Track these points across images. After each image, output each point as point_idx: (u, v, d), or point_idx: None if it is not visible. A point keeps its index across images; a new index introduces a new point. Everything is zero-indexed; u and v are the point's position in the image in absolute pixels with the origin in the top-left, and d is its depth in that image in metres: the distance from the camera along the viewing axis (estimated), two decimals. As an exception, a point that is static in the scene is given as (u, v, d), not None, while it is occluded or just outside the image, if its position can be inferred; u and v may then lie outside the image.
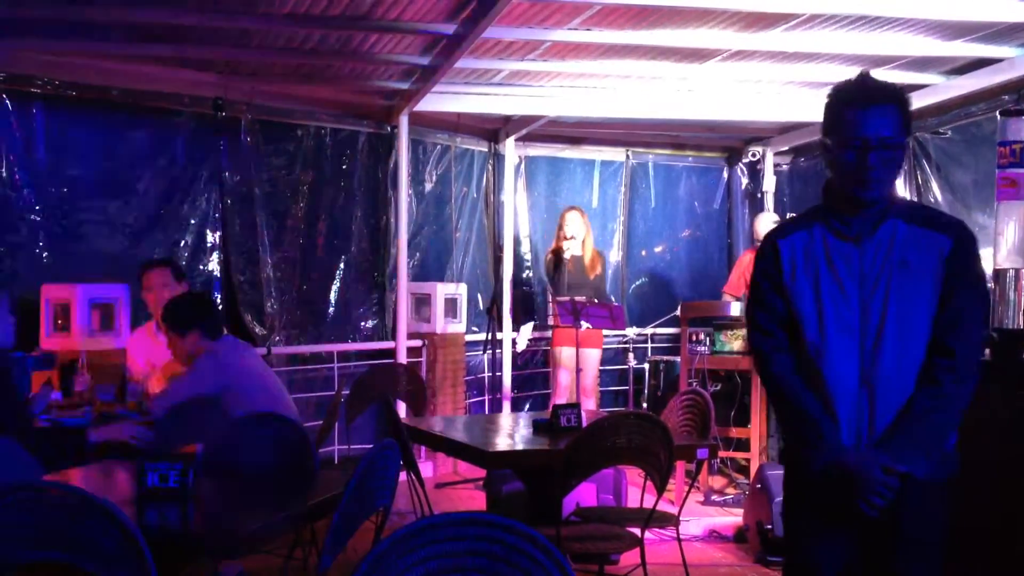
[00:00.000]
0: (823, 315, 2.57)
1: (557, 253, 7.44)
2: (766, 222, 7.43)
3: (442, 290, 7.54)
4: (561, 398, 7.35)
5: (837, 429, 2.56)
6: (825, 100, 2.64)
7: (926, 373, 2.53)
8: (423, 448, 6.87)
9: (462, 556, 2.02)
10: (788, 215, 7.21)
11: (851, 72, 6.35)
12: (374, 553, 1.98)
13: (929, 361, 2.54)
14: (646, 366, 8.09)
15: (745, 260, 7.67)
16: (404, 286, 7.26)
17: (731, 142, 9.24)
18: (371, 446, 3.32)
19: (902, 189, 7.64)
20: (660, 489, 4.09)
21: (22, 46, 5.83)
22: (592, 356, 7.35)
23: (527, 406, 8.60)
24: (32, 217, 6.03)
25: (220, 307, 6.72)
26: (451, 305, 7.63)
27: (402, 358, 7.20)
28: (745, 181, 9.35)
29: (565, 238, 7.40)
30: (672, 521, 4.42)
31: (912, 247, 2.56)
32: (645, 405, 7.86)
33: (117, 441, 4.27)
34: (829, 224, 2.62)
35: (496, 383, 8.13)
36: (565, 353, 7.39)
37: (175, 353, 4.53)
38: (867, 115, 2.53)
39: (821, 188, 2.74)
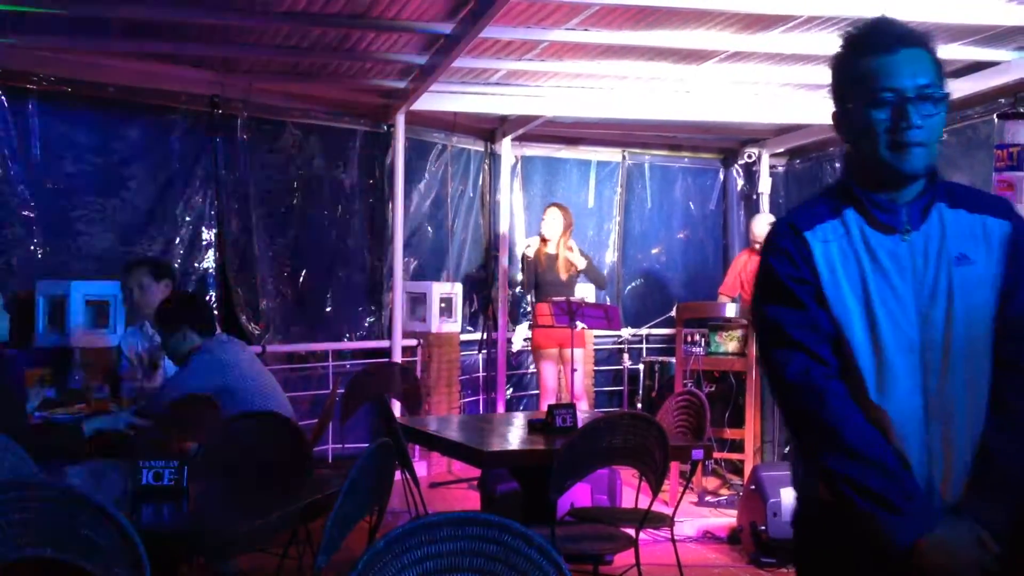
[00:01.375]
0: (877, 332, 1.96)
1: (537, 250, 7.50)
2: (762, 223, 7.43)
3: (437, 289, 7.54)
4: (550, 399, 7.34)
5: (923, 489, 1.94)
6: (836, 53, 2.08)
7: (996, 397, 1.99)
8: (418, 447, 6.86)
9: (458, 556, 2.01)
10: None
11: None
12: (370, 553, 1.98)
13: (999, 380, 1.99)
14: (641, 367, 8.10)
15: (741, 261, 7.68)
16: (400, 285, 7.26)
17: (727, 143, 9.25)
18: (366, 445, 3.32)
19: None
20: (655, 490, 4.09)
21: (18, 42, 5.81)
22: (578, 356, 7.14)
23: (522, 406, 8.60)
24: (27, 214, 6.02)
25: (215, 305, 6.72)
26: (446, 304, 7.63)
27: (397, 357, 7.19)
28: (741, 183, 9.36)
29: (543, 238, 7.45)
30: (666, 522, 4.42)
31: (967, 237, 2.01)
32: (640, 406, 7.86)
33: (112, 432, 4.27)
34: (864, 210, 2.02)
35: (491, 383, 8.13)
36: (547, 355, 7.38)
37: (169, 352, 4.52)
38: (897, 60, 1.99)
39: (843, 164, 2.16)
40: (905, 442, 1.94)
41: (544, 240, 7.46)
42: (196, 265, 6.75)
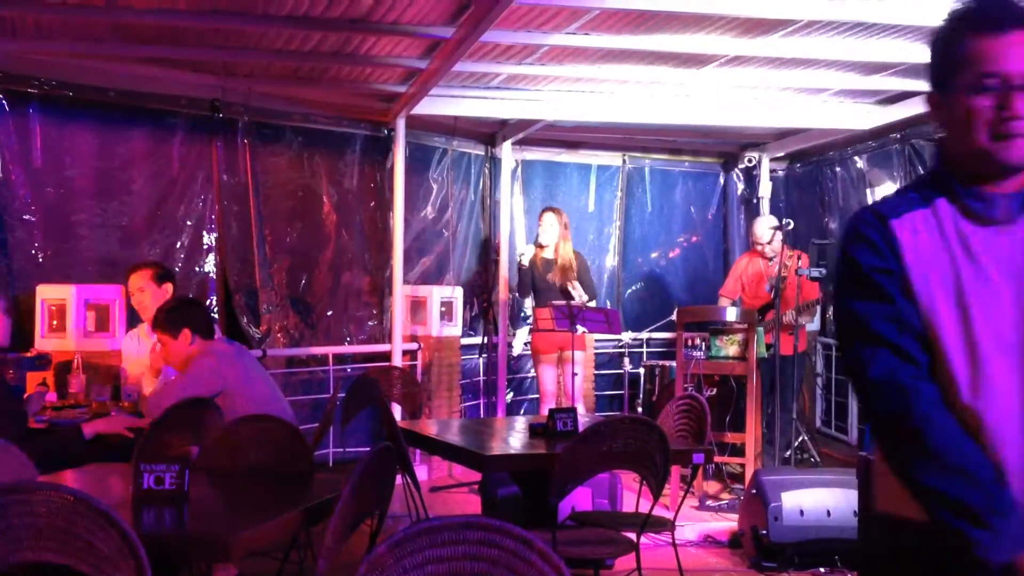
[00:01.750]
0: (972, 330, 1.80)
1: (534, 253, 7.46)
2: (763, 225, 7.43)
3: (438, 293, 7.54)
4: (549, 403, 7.35)
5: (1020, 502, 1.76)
6: (938, 28, 1.90)
7: None
8: (418, 451, 6.86)
9: (460, 560, 2.01)
10: (784, 220, 7.19)
11: (847, 80, 6.44)
12: (371, 557, 1.98)
13: None
14: (642, 371, 8.10)
15: (742, 264, 7.66)
16: (400, 289, 7.26)
17: (728, 147, 9.25)
18: (367, 449, 3.32)
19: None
20: (656, 494, 4.09)
21: (19, 46, 5.82)
22: (579, 358, 7.08)
23: (523, 410, 8.60)
24: (28, 217, 6.02)
25: (216, 309, 6.72)
26: (447, 308, 7.63)
27: (398, 361, 7.19)
28: (741, 187, 9.36)
29: (539, 244, 7.42)
30: (667, 526, 4.41)
31: None
32: (640, 410, 7.86)
33: (112, 433, 4.28)
34: (960, 201, 1.86)
35: (491, 386, 8.13)
36: (547, 359, 7.36)
37: (169, 356, 4.52)
38: (1006, 42, 1.79)
39: (937, 150, 1.98)
40: (1001, 451, 1.78)
41: (540, 247, 7.44)
42: (197, 269, 6.75)
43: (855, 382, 1.89)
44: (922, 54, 5.89)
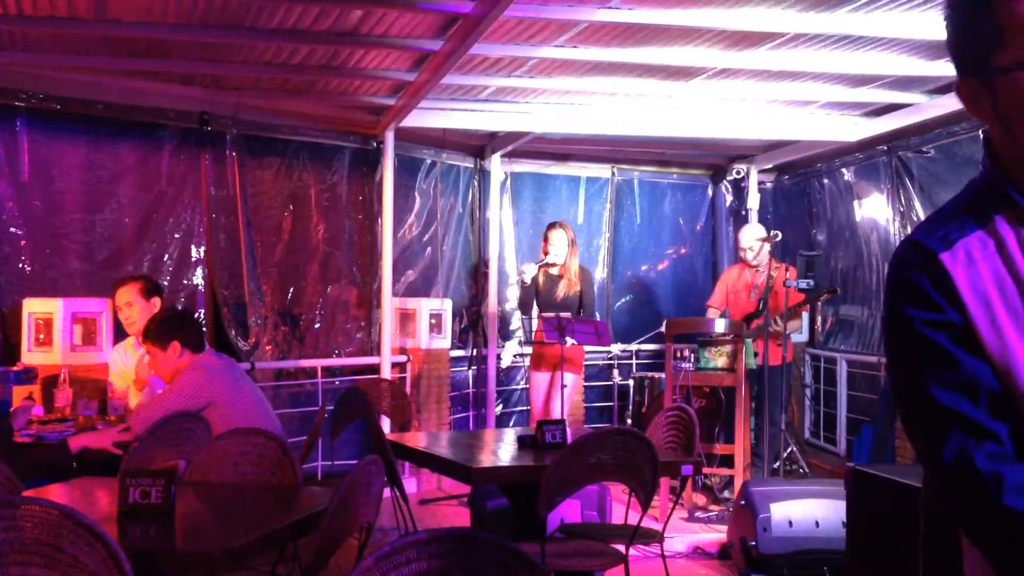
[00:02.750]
0: None
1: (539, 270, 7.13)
2: (749, 234, 7.43)
3: (427, 306, 7.54)
4: (540, 417, 7.30)
5: None
6: None
7: None
8: (407, 464, 6.84)
9: (447, 573, 2.01)
10: (772, 232, 7.20)
11: (834, 92, 6.47)
12: (358, 570, 1.97)
13: None
14: (631, 382, 8.10)
15: (732, 275, 7.65)
16: (389, 301, 7.25)
17: (716, 160, 9.28)
18: (355, 462, 3.32)
19: (884, 208, 7.70)
20: (644, 506, 4.09)
21: (6, 59, 5.81)
22: (570, 380, 6.92)
23: (512, 422, 8.59)
24: (15, 231, 6.00)
25: (204, 322, 6.70)
26: (436, 321, 7.62)
27: (386, 373, 7.18)
28: (730, 199, 9.39)
29: (545, 264, 7.08)
30: (656, 538, 4.41)
31: None
32: (629, 421, 7.86)
33: (98, 448, 4.26)
34: (1021, 214, 1.44)
35: (481, 399, 8.12)
36: (541, 378, 7.10)
37: (157, 368, 4.51)
38: None
39: (983, 148, 1.54)
40: None
41: (547, 265, 7.08)
42: (185, 282, 6.73)
43: (925, 467, 1.50)
44: (909, 66, 5.94)
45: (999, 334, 1.41)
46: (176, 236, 6.68)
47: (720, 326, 6.81)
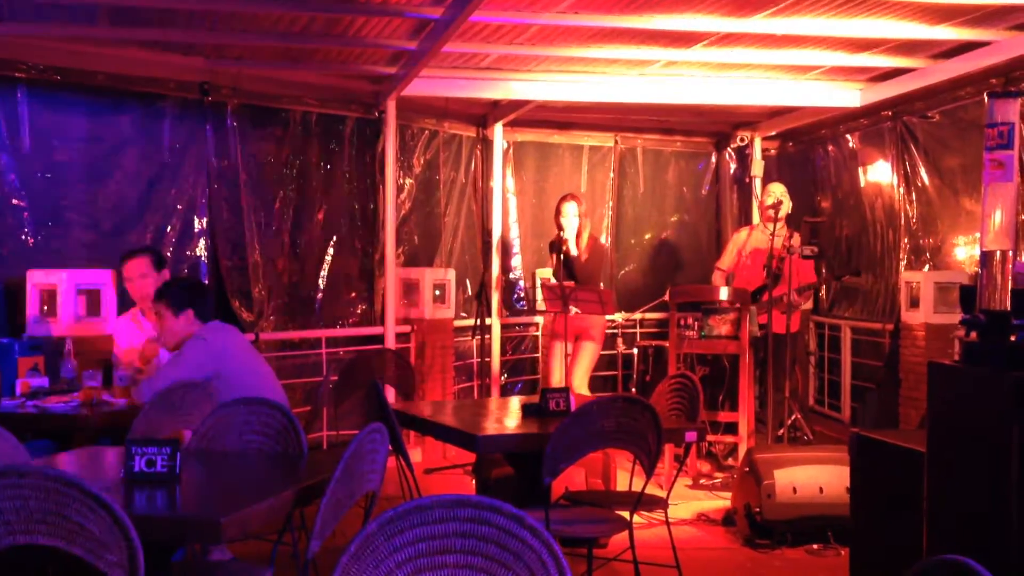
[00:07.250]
0: None
1: (555, 244, 6.98)
2: (778, 187, 7.25)
3: (431, 276, 7.53)
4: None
5: None
6: None
7: None
8: (412, 433, 6.87)
9: (450, 538, 2.02)
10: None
11: (837, 58, 6.42)
12: (362, 534, 1.98)
13: None
14: (635, 351, 8.10)
15: (741, 236, 7.54)
16: (392, 271, 7.24)
17: (719, 127, 9.24)
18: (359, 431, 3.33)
19: (889, 174, 7.67)
20: (649, 473, 4.10)
21: (6, 30, 5.78)
22: (587, 347, 6.91)
23: (516, 390, 8.61)
24: (17, 203, 6.00)
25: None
26: (440, 291, 7.62)
27: (390, 343, 7.19)
28: (733, 166, 9.36)
29: (562, 235, 6.92)
30: (660, 504, 4.43)
31: None
32: (634, 390, 7.87)
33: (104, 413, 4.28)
34: None
35: (485, 368, 8.13)
36: (559, 348, 6.96)
37: (165, 334, 4.51)
38: None
39: None
40: None
41: (563, 240, 6.92)
42: (188, 253, 6.73)
43: None
44: (912, 31, 5.89)
45: None
46: (178, 207, 6.67)
47: (724, 294, 6.78)
